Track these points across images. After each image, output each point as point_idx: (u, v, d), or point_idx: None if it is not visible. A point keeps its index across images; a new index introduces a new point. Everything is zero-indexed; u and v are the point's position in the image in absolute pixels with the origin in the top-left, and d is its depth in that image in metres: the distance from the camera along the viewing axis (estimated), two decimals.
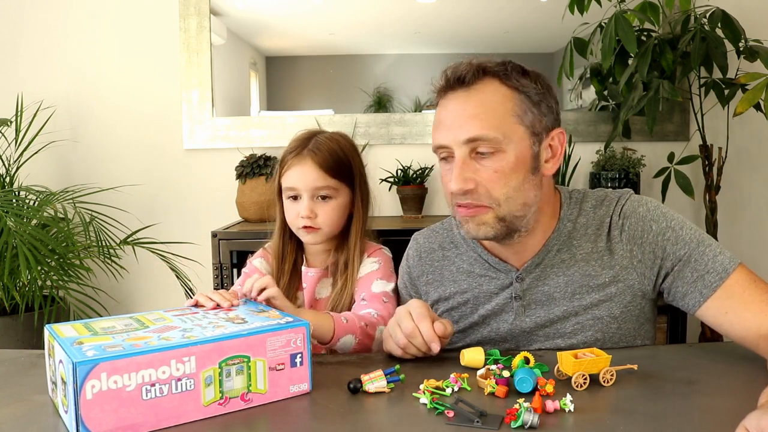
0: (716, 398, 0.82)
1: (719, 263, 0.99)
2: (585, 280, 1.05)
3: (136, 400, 0.74)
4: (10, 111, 2.27)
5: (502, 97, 0.98)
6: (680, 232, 1.02)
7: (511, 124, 0.98)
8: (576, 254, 1.06)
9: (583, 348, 0.91)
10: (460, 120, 0.97)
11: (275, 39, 2.47)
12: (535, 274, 1.07)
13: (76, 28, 2.38)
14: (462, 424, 0.75)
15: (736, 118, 2.00)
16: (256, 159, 2.17)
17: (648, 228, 1.03)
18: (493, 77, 0.99)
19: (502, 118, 0.97)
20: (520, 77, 0.99)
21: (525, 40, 2.45)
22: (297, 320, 0.87)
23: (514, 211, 0.99)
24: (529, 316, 1.08)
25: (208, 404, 0.79)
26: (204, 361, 0.78)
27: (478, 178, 0.98)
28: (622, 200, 1.07)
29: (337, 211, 1.23)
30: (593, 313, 1.05)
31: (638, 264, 1.04)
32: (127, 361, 0.73)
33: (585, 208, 1.08)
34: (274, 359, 0.83)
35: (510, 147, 0.97)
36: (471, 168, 0.97)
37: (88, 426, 0.72)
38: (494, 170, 0.97)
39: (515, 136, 0.98)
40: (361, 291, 1.22)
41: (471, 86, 0.99)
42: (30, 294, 1.99)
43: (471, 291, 1.12)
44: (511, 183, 0.98)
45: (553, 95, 1.03)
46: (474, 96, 0.98)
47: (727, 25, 1.95)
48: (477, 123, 0.96)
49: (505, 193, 0.98)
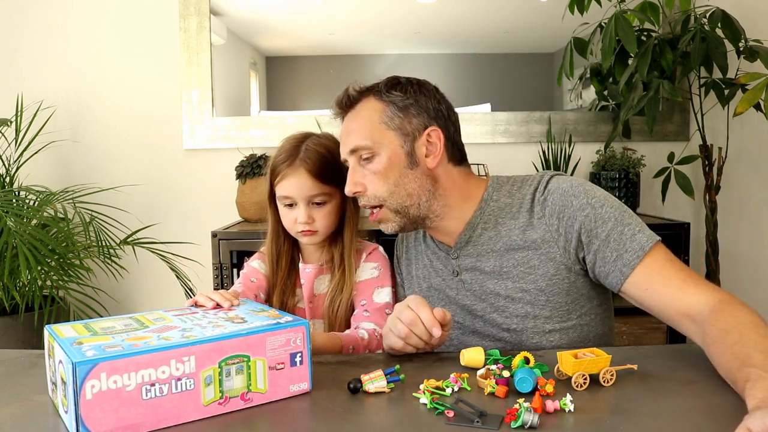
0: (716, 398, 0.82)
1: (637, 242, 1.04)
2: (510, 254, 1.13)
3: (135, 400, 0.74)
4: (10, 111, 2.27)
5: (372, 111, 1.14)
6: (600, 210, 1.08)
7: (381, 131, 1.13)
8: (501, 231, 1.15)
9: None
10: (344, 136, 1.17)
11: (275, 39, 2.47)
12: (466, 251, 1.17)
13: (76, 28, 2.38)
14: (462, 424, 0.75)
15: (736, 118, 2.00)
16: (256, 159, 2.17)
17: (568, 203, 1.09)
18: (369, 95, 1.16)
19: (371, 128, 1.13)
20: (389, 90, 1.15)
21: (525, 40, 2.45)
22: (296, 319, 0.88)
23: (402, 202, 1.13)
24: (468, 290, 1.17)
25: (208, 404, 0.79)
26: (204, 361, 0.78)
27: (365, 181, 1.14)
28: (546, 177, 1.16)
29: (332, 214, 1.28)
30: (519, 285, 1.12)
31: (559, 237, 1.10)
32: (126, 361, 0.73)
33: (509, 189, 1.18)
34: (274, 358, 0.83)
35: (382, 150, 1.13)
36: (359, 173, 1.15)
37: (88, 426, 0.72)
38: (373, 172, 1.13)
39: (385, 140, 1.13)
40: (362, 297, 1.27)
41: (350, 108, 1.18)
42: (30, 294, 1.99)
43: (426, 267, 1.25)
44: (390, 180, 1.13)
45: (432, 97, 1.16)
46: (352, 116, 1.17)
47: (727, 25, 1.95)
48: (353, 136, 1.15)
49: (387, 189, 1.13)
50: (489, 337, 1.16)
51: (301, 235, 1.28)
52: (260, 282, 1.31)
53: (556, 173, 1.17)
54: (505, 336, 1.14)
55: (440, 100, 1.17)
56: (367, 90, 1.17)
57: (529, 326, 1.12)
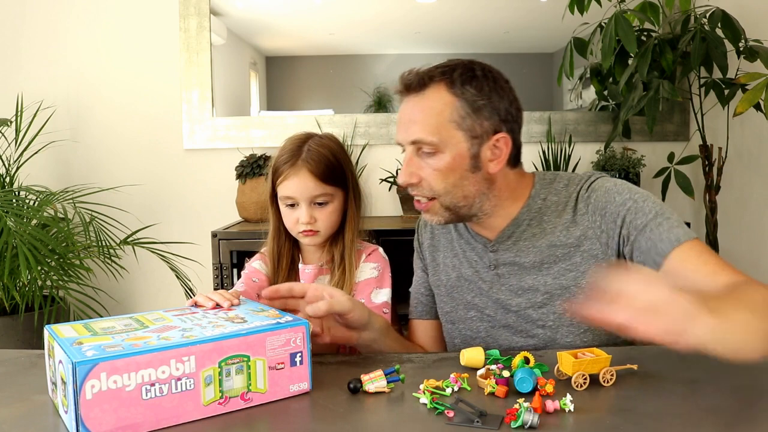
0: (716, 398, 0.82)
1: (674, 234, 1.02)
2: (551, 250, 1.11)
3: (136, 400, 0.74)
4: (10, 111, 2.27)
5: (443, 105, 1.07)
6: (641, 204, 1.06)
7: (449, 130, 1.07)
8: (545, 228, 1.13)
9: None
10: (407, 123, 1.09)
11: (275, 39, 2.47)
12: (506, 245, 1.15)
13: (76, 28, 2.38)
14: (462, 424, 0.75)
15: (736, 118, 2.00)
16: (256, 159, 2.17)
17: (611, 199, 1.08)
18: (439, 83, 1.08)
19: (440, 124, 1.07)
20: (464, 84, 1.07)
21: (525, 40, 2.45)
22: (296, 319, 0.88)
23: (456, 202, 1.10)
24: (503, 284, 1.15)
25: (208, 404, 0.79)
26: (204, 361, 0.78)
27: (422, 173, 1.09)
28: (592, 177, 1.14)
29: (334, 214, 1.28)
30: (560, 282, 1.10)
31: (601, 234, 1.08)
32: (126, 361, 0.73)
33: (556, 187, 1.15)
34: (274, 358, 0.83)
35: (447, 149, 1.07)
36: (416, 164, 1.09)
37: (88, 426, 0.71)
38: (433, 168, 1.08)
39: (452, 140, 1.07)
40: (360, 297, 1.27)
41: (419, 92, 1.09)
42: (30, 294, 1.99)
43: (457, 257, 1.22)
44: (449, 180, 1.08)
45: (505, 97, 1.10)
46: (419, 102, 1.08)
47: (727, 25, 1.95)
48: (418, 128, 1.07)
49: (444, 188, 1.09)
50: (521, 333, 1.14)
51: (303, 235, 1.28)
52: (262, 282, 1.31)
53: (602, 174, 1.15)
54: (538, 332, 1.12)
55: (512, 101, 1.11)
56: (439, 75, 1.08)
57: (566, 324, 1.10)
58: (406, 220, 2.25)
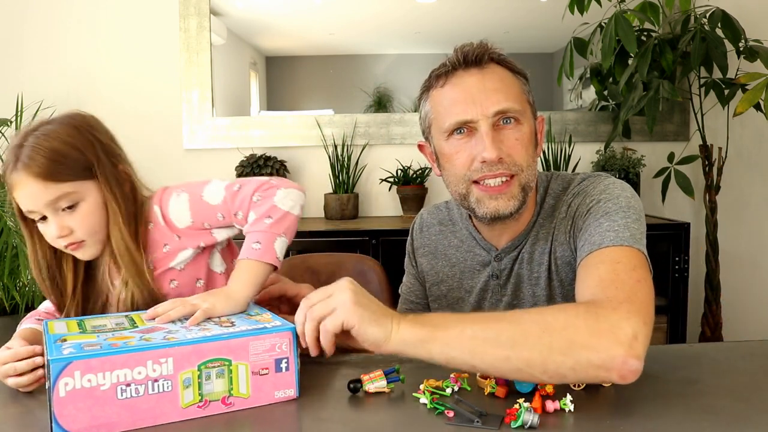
0: (716, 398, 0.82)
1: (606, 237, 0.93)
2: (541, 258, 1.07)
3: (110, 399, 0.74)
4: (10, 111, 2.27)
5: (512, 78, 1.04)
6: (603, 204, 0.99)
7: (523, 102, 1.04)
8: (539, 234, 1.08)
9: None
10: (485, 94, 1.00)
11: (275, 39, 2.47)
12: (512, 255, 1.10)
13: (77, 27, 2.38)
14: (462, 424, 0.75)
15: (736, 118, 2.00)
16: (256, 159, 2.17)
17: (583, 201, 1.02)
18: (495, 64, 1.04)
19: (517, 95, 1.03)
20: (513, 66, 1.05)
21: (525, 40, 2.45)
22: (284, 324, 0.86)
23: (530, 181, 1.03)
24: (504, 295, 1.12)
25: (187, 406, 0.78)
26: (182, 363, 0.77)
27: (503, 147, 1.01)
28: (583, 178, 1.08)
29: (92, 215, 1.03)
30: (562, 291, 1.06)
31: (571, 239, 1.03)
32: (101, 360, 0.73)
33: (557, 193, 1.09)
34: (258, 363, 0.82)
35: (525, 120, 1.03)
36: (498, 138, 1.01)
37: (61, 423, 0.72)
38: (515, 139, 1.01)
39: (527, 113, 1.04)
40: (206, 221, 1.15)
41: (483, 67, 1.03)
42: (30, 294, 1.99)
43: (458, 265, 1.17)
44: (529, 152, 1.03)
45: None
46: (493, 74, 1.03)
47: (727, 25, 1.95)
48: (502, 96, 1.01)
49: (526, 161, 1.02)
50: None
51: (71, 250, 1.02)
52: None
53: (599, 174, 1.08)
54: None
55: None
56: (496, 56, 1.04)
57: None
58: (406, 220, 2.25)
